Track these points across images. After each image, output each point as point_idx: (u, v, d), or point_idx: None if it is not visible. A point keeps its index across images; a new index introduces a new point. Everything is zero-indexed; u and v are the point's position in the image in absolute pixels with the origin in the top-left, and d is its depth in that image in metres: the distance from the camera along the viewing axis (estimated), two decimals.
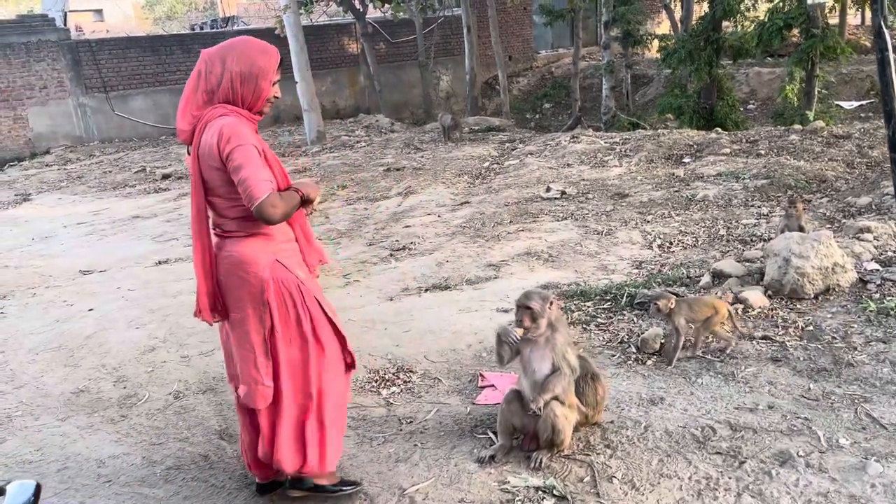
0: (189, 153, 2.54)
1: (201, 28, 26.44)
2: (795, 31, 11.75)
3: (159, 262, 6.73)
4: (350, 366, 2.77)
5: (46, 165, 15.54)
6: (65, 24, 19.51)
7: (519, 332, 2.81)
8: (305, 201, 2.59)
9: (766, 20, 11.46)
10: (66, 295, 5.97)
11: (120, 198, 11.00)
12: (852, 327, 3.73)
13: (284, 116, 19.80)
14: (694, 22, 14.27)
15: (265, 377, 2.54)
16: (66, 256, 7.37)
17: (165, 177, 12.30)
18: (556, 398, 2.82)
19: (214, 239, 2.58)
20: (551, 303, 2.85)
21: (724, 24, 13.56)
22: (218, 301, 2.59)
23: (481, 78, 22.90)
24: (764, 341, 3.72)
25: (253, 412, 2.66)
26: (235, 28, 20.19)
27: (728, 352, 3.61)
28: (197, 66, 2.51)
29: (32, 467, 3.26)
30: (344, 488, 2.79)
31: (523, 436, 2.99)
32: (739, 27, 14.16)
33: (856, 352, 3.49)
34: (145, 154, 15.60)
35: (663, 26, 24.05)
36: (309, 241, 2.73)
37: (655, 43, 16.76)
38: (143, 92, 18.39)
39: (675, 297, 3.61)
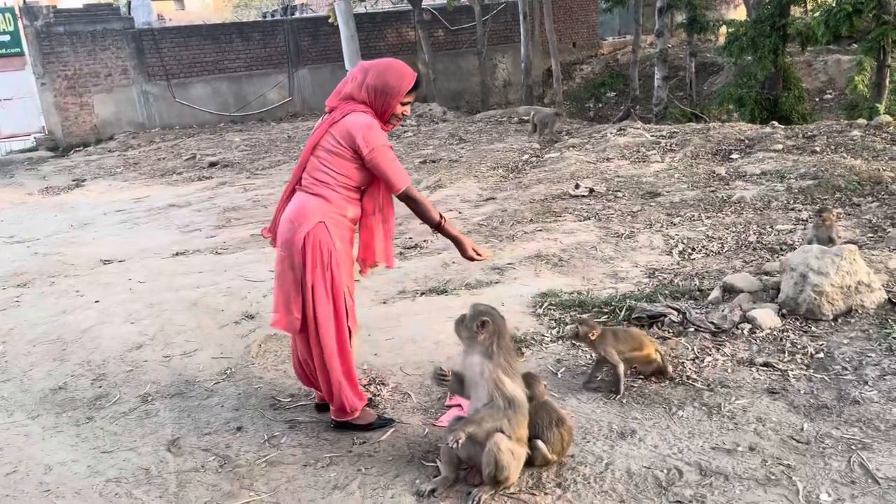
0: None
1: (272, 16, 26.83)
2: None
3: (176, 254, 6.74)
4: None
5: (108, 151, 16.05)
6: (149, 13, 20.04)
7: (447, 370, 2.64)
8: (439, 228, 3.13)
9: (833, 5, 10.63)
10: (81, 285, 6.03)
11: (165, 185, 11.20)
12: (868, 357, 3.31)
13: None
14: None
15: (294, 309, 3.02)
16: (94, 245, 7.50)
17: (212, 164, 12.46)
18: (500, 431, 2.56)
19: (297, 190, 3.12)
20: (482, 324, 2.59)
21: (793, 9, 12.71)
22: (276, 227, 3.18)
23: (541, 66, 22.39)
24: (764, 369, 3.34)
25: (302, 337, 3.12)
26: (293, 17, 20.30)
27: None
28: (353, 70, 3.09)
29: None
30: (374, 426, 3.20)
31: (469, 468, 2.74)
32: (809, 12, 13.24)
33: (866, 386, 3.08)
34: (200, 141, 15.89)
35: (740, 10, 22.90)
36: (386, 236, 3.24)
37: (724, 29, 15.91)
38: (202, 80, 18.75)
39: (599, 325, 3.33)
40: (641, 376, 3.38)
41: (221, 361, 4.15)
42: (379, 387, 3.66)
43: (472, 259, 3.18)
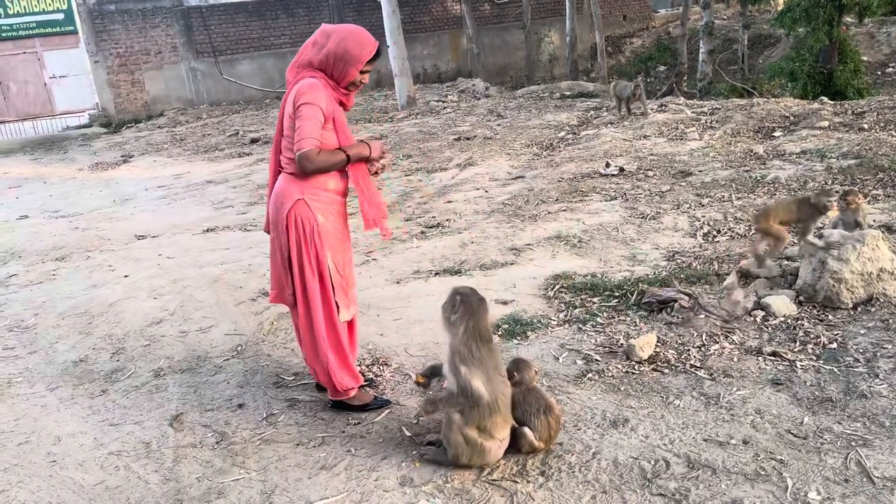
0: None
1: None
2: None
3: (207, 230, 6.88)
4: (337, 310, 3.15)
5: (158, 127, 16.44)
6: None
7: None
8: (367, 159, 3.09)
9: None
10: (114, 260, 6.22)
11: (206, 161, 11.42)
12: (884, 348, 3.15)
13: (385, 81, 19.83)
14: None
15: (286, 286, 3.11)
16: (131, 220, 7.71)
17: (254, 141, 12.63)
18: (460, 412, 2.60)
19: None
20: (453, 305, 2.58)
21: None
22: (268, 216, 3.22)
23: (588, 40, 21.90)
24: (772, 358, 3.22)
25: (295, 313, 3.19)
26: None
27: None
28: (315, 35, 3.03)
29: (1, 438, 3.36)
30: (371, 406, 3.23)
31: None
32: None
33: (876, 380, 2.94)
34: (245, 117, 16.12)
35: None
36: (370, 200, 3.13)
37: (781, 0, 15.26)
38: (249, 56, 18.99)
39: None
40: (643, 363, 3.31)
41: (234, 338, 4.23)
42: (382, 367, 3.67)
43: (373, 161, 3.12)
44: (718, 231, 5.07)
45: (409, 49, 15.96)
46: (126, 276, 5.66)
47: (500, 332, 3.81)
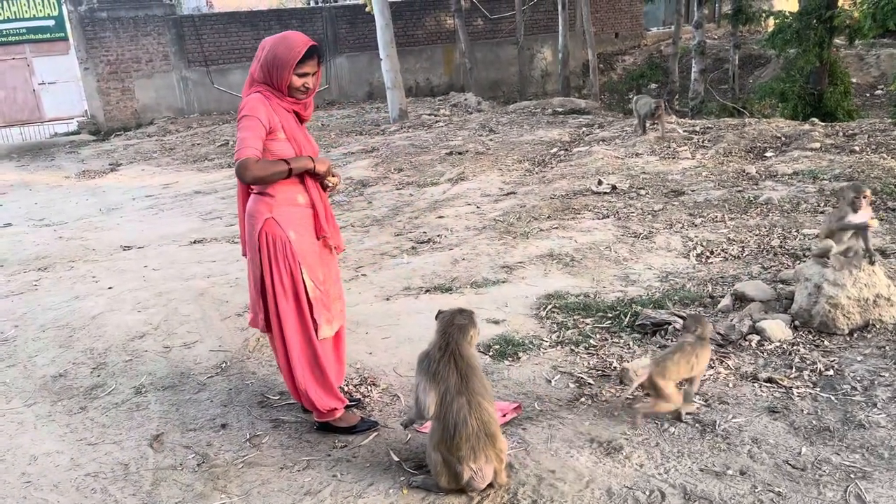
0: None
1: (317, 2, 26.92)
2: None
3: (194, 242, 6.78)
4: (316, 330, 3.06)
5: (147, 136, 16.31)
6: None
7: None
8: (315, 174, 3.02)
9: None
10: (98, 271, 6.10)
11: (195, 171, 11.32)
12: (881, 376, 3.10)
13: (377, 93, 19.82)
14: None
15: (258, 307, 3.07)
16: (117, 230, 7.59)
17: None
18: None
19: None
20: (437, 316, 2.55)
21: (841, 0, 12.17)
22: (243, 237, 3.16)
23: (581, 56, 22.01)
24: (768, 385, 3.16)
25: (270, 337, 3.15)
26: (331, 4, 20.29)
27: None
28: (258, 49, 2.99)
29: None
30: (358, 429, 3.15)
31: None
32: (857, 4, 12.66)
33: (874, 409, 2.89)
34: (236, 128, 16.00)
35: (791, 1, 22.13)
36: (326, 214, 3.12)
37: (771, 20, 15.36)
38: (241, 66, 18.90)
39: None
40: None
41: (219, 354, 4.13)
42: (370, 387, 3.58)
43: (320, 176, 3.04)
44: (712, 252, 5.03)
45: (402, 62, 15.96)
46: (110, 288, 5.54)
47: (490, 353, 3.74)
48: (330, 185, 3.12)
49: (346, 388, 3.57)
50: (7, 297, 5.58)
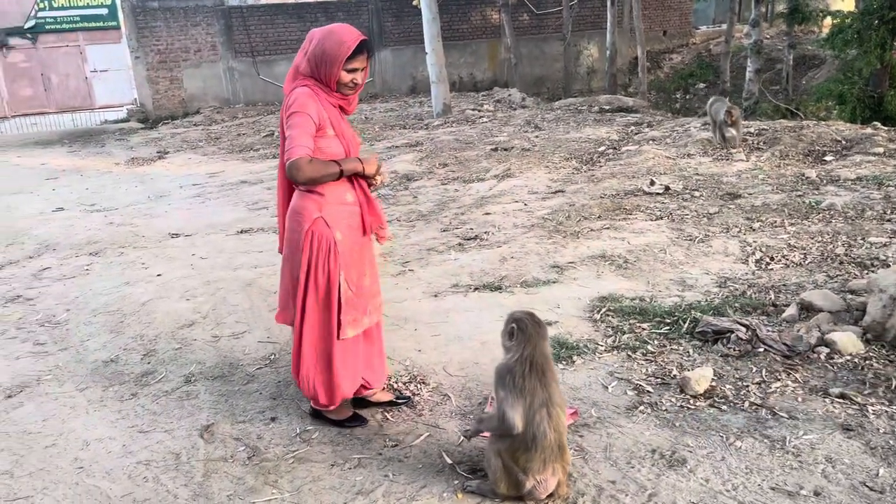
0: None
1: None
2: None
3: (241, 231, 6.80)
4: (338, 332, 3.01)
5: (193, 125, 16.52)
6: None
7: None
8: (361, 175, 2.97)
9: None
10: (147, 257, 6.16)
11: (241, 161, 11.40)
12: None
13: (420, 87, 19.79)
14: None
15: (291, 303, 3.03)
16: (165, 217, 7.66)
17: None
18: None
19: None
20: (510, 332, 2.44)
21: None
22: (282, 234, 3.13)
23: (628, 54, 21.66)
24: (840, 401, 3.01)
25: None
26: None
27: None
28: (304, 42, 2.93)
29: (28, 439, 3.27)
30: (346, 423, 3.15)
31: None
32: None
33: None
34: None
35: (847, 0, 21.45)
36: (370, 209, 3.06)
37: (828, 20, 14.88)
38: (287, 57, 19.02)
39: None
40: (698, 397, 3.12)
41: (267, 346, 4.11)
42: (419, 386, 3.52)
43: (371, 178, 3.01)
44: (772, 258, 4.85)
45: (447, 57, 15.87)
46: (159, 275, 5.58)
47: None
48: (376, 182, 3.07)
49: (395, 385, 3.52)
50: (59, 281, 5.66)
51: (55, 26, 17.70)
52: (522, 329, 2.40)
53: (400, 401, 3.36)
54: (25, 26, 17.56)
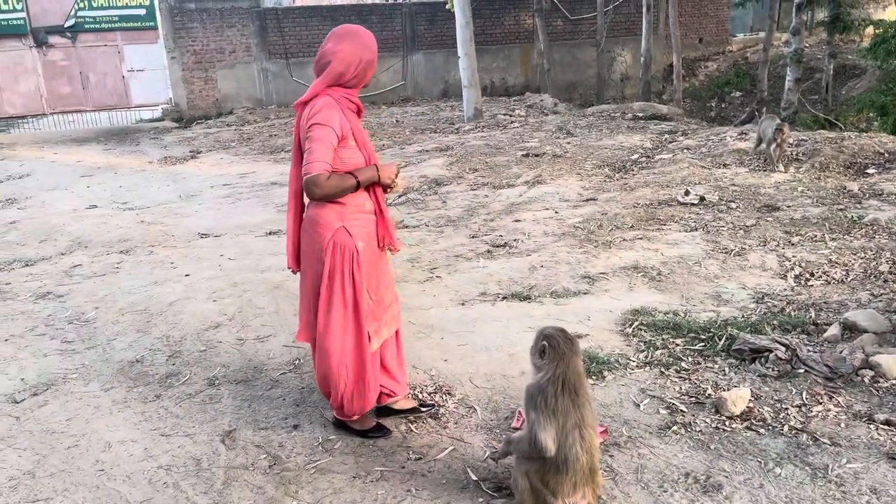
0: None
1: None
2: None
3: (269, 233, 6.79)
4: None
5: (226, 125, 16.66)
6: None
7: None
8: (377, 183, 2.92)
9: None
10: (176, 257, 6.17)
11: (272, 162, 11.44)
12: None
13: (452, 91, 19.76)
14: None
15: (313, 319, 2.95)
16: (195, 217, 7.69)
17: None
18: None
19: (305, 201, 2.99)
20: (542, 350, 2.33)
21: None
22: (298, 252, 3.04)
23: (663, 61, 21.40)
24: (885, 427, 2.87)
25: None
26: (412, 1, 20.29)
27: None
28: (325, 43, 2.87)
29: (51, 439, 3.26)
30: (370, 434, 3.09)
31: None
32: None
33: None
34: None
35: (890, 11, 20.92)
36: (381, 222, 3.00)
37: (870, 30, 14.53)
38: None
39: None
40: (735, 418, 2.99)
41: (292, 351, 4.07)
42: (445, 396, 3.44)
43: (387, 186, 2.96)
44: (812, 274, 4.69)
45: (479, 61, 15.80)
46: (187, 276, 5.59)
47: None
48: (393, 188, 3.03)
49: (419, 395, 3.45)
50: (90, 278, 5.69)
51: (94, 25, 18.01)
52: (554, 346, 2.31)
53: (423, 409, 3.29)
54: (65, 25, 17.89)
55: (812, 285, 4.53)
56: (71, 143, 14.97)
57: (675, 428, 2.99)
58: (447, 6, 18.31)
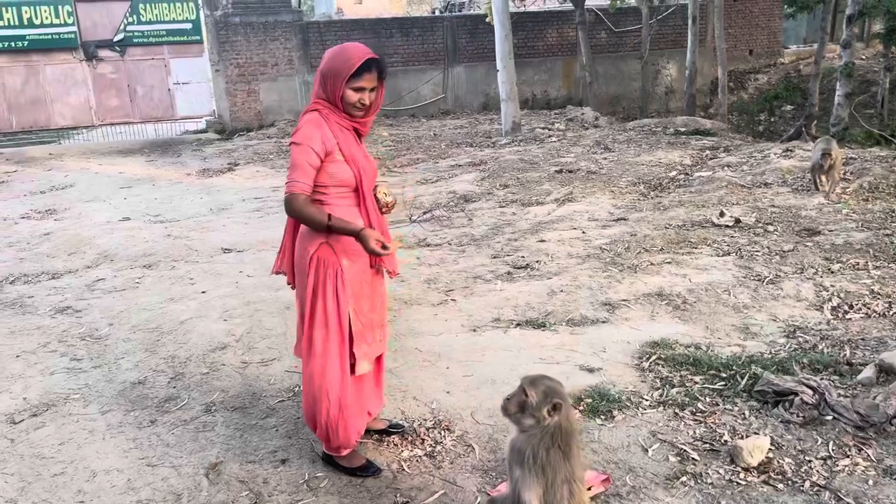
0: None
1: (442, 12, 27.18)
2: None
3: None
4: (352, 368, 2.86)
5: (267, 137, 16.82)
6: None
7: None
8: (329, 230, 2.74)
9: None
10: (196, 272, 6.15)
11: None
12: None
13: (492, 104, 19.59)
14: None
15: (302, 334, 2.89)
16: (222, 231, 7.69)
17: None
18: None
19: None
20: (555, 407, 2.12)
21: None
22: (290, 261, 2.97)
23: (710, 74, 20.87)
24: None
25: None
26: (453, 14, 20.25)
27: None
28: None
29: (39, 465, 3.20)
30: (358, 472, 2.94)
31: None
32: None
33: None
34: None
35: None
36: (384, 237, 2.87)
37: None
38: None
39: None
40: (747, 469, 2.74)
41: (293, 376, 3.95)
42: (443, 433, 3.27)
43: (375, 254, 2.72)
44: (851, 306, 4.37)
45: (520, 74, 15.63)
46: (203, 293, 5.54)
47: (581, 408, 3.33)
48: (386, 207, 2.95)
49: (418, 431, 3.28)
50: (110, 293, 5.70)
51: (142, 40, 18.44)
52: (547, 399, 2.12)
53: (393, 431, 3.24)
54: (115, 39, 18.37)
55: (850, 318, 4.21)
56: (116, 155, 15.30)
57: (683, 479, 2.76)
58: (487, 19, 18.22)
